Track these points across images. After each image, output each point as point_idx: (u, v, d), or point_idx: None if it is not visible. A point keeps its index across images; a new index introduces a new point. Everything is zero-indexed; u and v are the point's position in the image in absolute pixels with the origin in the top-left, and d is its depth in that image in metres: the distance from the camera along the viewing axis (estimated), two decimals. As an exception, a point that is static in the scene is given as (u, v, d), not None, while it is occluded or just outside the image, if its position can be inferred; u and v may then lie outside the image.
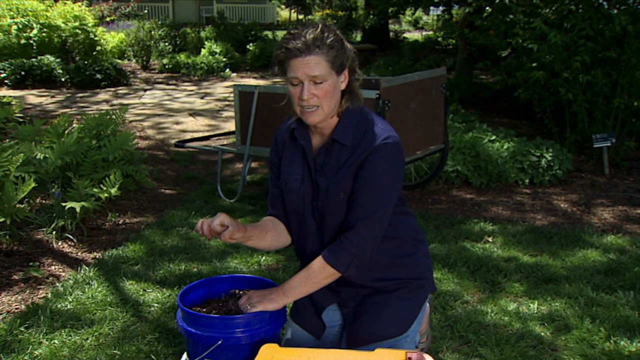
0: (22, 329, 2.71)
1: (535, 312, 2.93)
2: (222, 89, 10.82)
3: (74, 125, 5.11)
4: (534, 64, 5.80)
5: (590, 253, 3.64)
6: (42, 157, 3.98)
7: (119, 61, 12.81)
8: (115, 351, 2.56)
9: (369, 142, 1.86)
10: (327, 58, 1.79)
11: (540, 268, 3.42)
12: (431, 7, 12.72)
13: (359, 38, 17.79)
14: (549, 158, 5.11)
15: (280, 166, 2.02)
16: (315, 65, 1.78)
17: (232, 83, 11.33)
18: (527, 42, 5.65)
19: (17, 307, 2.97)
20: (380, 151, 1.85)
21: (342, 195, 1.90)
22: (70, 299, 3.02)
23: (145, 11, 19.38)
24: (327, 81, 1.80)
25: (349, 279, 2.00)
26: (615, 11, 5.52)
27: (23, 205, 3.71)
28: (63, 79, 10.47)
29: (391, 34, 17.95)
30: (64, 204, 3.71)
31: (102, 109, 8.23)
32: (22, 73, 10.29)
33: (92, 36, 12.05)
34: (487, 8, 7.81)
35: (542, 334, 2.73)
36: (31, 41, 11.08)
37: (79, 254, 3.66)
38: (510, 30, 6.06)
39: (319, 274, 1.92)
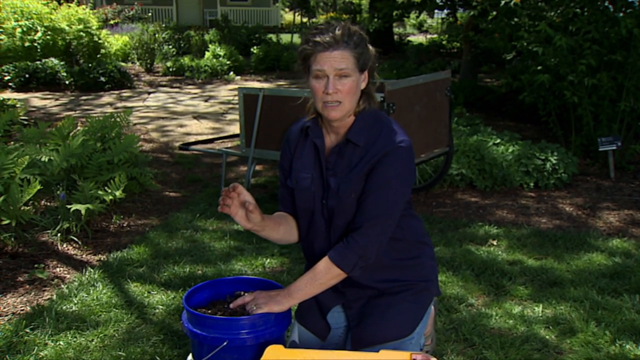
0: (28, 330, 2.72)
1: (540, 315, 2.92)
2: (226, 92, 10.84)
3: (79, 128, 5.12)
4: (539, 67, 5.79)
5: (595, 256, 3.62)
6: (47, 160, 3.99)
7: (123, 64, 12.85)
8: (120, 353, 2.56)
9: (382, 144, 1.87)
10: (354, 54, 1.82)
11: (545, 271, 3.41)
12: (436, 11, 12.74)
13: (362, 41, 17.78)
14: (554, 161, 5.10)
15: (291, 164, 2.03)
16: (342, 59, 1.81)
17: (236, 86, 11.35)
18: (532, 45, 5.64)
19: (22, 308, 2.97)
20: (393, 154, 1.86)
21: (353, 195, 1.90)
22: (75, 301, 3.02)
23: (149, 14, 19.45)
24: (351, 77, 1.83)
25: (353, 280, 2.00)
26: (621, 14, 5.51)
27: (28, 208, 3.72)
28: (67, 82, 10.50)
29: (395, 37, 17.96)
30: (68, 206, 3.72)
31: (106, 112, 8.24)
32: (26, 76, 10.33)
33: (96, 39, 12.09)
34: (491, 12, 7.81)
35: (547, 337, 2.72)
36: (35, 44, 11.12)
37: (84, 256, 3.66)
38: (515, 34, 6.05)
39: (324, 274, 1.92)
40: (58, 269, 3.44)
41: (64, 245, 3.75)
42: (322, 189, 1.96)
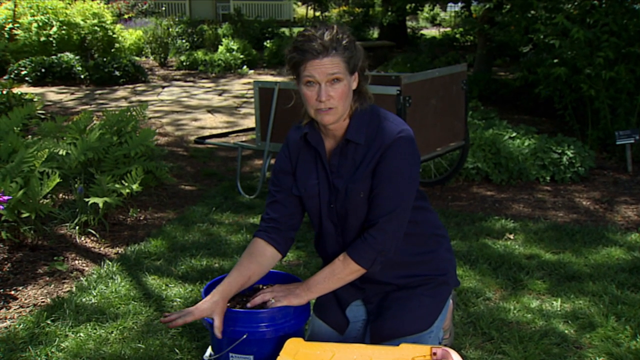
0: (49, 322, 2.75)
1: (559, 309, 2.91)
2: (239, 85, 10.85)
3: (95, 122, 5.16)
4: (556, 60, 5.74)
5: (614, 251, 3.59)
6: (64, 153, 4.02)
7: (137, 58, 12.89)
8: (139, 345, 2.58)
9: (383, 138, 1.87)
10: (344, 59, 1.81)
11: (563, 265, 3.39)
12: (449, 4, 12.66)
13: (376, 35, 17.71)
14: (571, 155, 5.06)
15: (295, 173, 2.02)
16: (333, 65, 1.80)
17: (249, 80, 11.36)
18: (548, 38, 5.59)
19: (43, 300, 3.00)
20: (395, 146, 1.86)
21: (362, 195, 1.90)
22: (95, 293, 3.05)
23: (163, 8, 19.51)
24: (342, 81, 1.83)
25: (372, 277, 2.00)
26: (639, 6, 5.44)
27: (47, 201, 3.76)
28: (82, 76, 10.56)
29: (408, 30, 17.85)
30: (86, 200, 3.75)
31: (120, 106, 8.29)
32: (42, 70, 10.40)
33: (111, 33, 12.14)
34: (506, 5, 7.74)
35: (566, 331, 2.70)
36: (51, 39, 11.19)
37: (102, 249, 3.69)
38: (532, 26, 6.00)
39: (343, 270, 1.93)
40: (77, 262, 3.47)
41: (82, 238, 3.78)
42: (328, 193, 1.96)
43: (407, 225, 1.94)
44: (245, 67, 12.64)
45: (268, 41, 14.43)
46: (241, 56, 12.84)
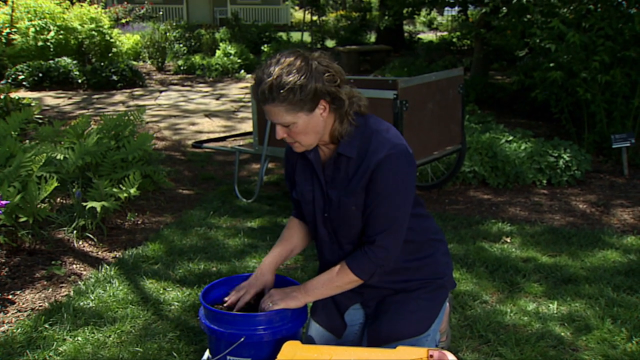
0: (47, 326, 2.75)
1: (555, 312, 2.92)
2: (237, 90, 10.87)
3: (93, 126, 5.16)
4: (552, 64, 5.77)
5: (610, 254, 3.61)
6: (62, 158, 4.03)
7: (135, 63, 12.92)
8: (137, 348, 2.59)
9: (375, 152, 1.84)
10: (287, 106, 1.76)
11: (560, 268, 3.41)
12: (446, 8, 12.71)
13: (373, 39, 17.77)
14: (567, 159, 5.08)
15: (294, 178, 2.07)
16: (275, 114, 1.79)
17: (246, 84, 11.37)
18: (544, 42, 5.62)
19: (40, 304, 3.01)
20: (388, 162, 1.83)
21: (354, 208, 1.90)
22: (92, 297, 3.05)
23: (160, 13, 19.54)
24: (294, 123, 1.80)
25: (370, 282, 2.02)
26: (634, 10, 5.47)
27: (45, 205, 3.76)
28: (80, 81, 10.57)
29: (405, 34, 17.92)
30: (84, 204, 3.75)
31: (118, 110, 8.30)
32: (40, 75, 10.41)
33: (108, 38, 12.16)
34: (503, 8, 7.78)
35: (563, 334, 2.72)
36: (48, 43, 11.21)
37: (100, 253, 3.70)
38: (528, 31, 6.03)
39: (341, 279, 1.94)
40: (74, 266, 3.48)
41: (80, 243, 3.79)
42: (322, 202, 1.98)
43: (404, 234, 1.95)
44: (242, 71, 12.66)
45: (265, 45, 14.49)
46: (238, 60, 12.87)
